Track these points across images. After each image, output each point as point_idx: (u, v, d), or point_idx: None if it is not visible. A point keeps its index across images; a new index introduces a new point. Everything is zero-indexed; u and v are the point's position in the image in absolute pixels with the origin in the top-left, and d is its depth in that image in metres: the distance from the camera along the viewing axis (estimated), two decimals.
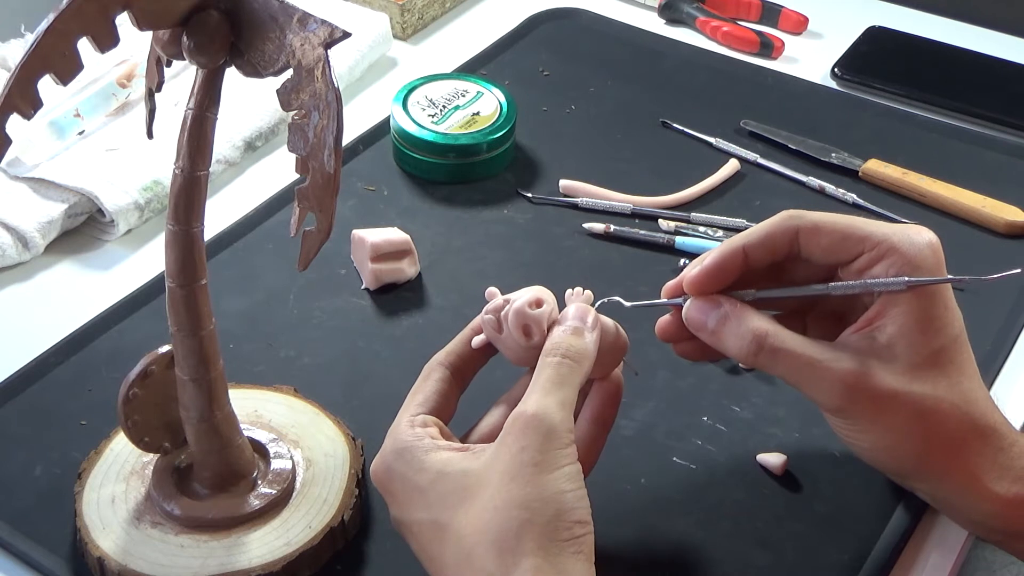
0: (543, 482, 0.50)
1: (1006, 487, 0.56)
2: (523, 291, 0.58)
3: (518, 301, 0.57)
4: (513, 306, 0.57)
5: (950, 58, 1.02)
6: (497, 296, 0.59)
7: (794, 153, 0.89)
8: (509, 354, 0.58)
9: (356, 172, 0.86)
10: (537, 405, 0.52)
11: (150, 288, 0.75)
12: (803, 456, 0.66)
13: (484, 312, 0.58)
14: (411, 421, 0.56)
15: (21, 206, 0.79)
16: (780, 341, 0.56)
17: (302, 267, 0.50)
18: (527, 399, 0.53)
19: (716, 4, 1.07)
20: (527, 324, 0.56)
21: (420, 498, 0.53)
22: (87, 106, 0.86)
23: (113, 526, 0.59)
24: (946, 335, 0.56)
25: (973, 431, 0.56)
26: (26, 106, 0.47)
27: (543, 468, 0.50)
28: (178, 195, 0.53)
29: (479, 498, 0.51)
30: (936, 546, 0.63)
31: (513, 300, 0.57)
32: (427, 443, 0.54)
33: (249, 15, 0.49)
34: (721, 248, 0.58)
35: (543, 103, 0.95)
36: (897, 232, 0.57)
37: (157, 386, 0.59)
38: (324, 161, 0.48)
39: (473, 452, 0.53)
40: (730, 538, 0.62)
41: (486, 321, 0.58)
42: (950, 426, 0.56)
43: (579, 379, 0.54)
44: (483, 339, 0.59)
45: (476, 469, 0.52)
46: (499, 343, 0.58)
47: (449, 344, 0.60)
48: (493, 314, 0.58)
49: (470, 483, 0.52)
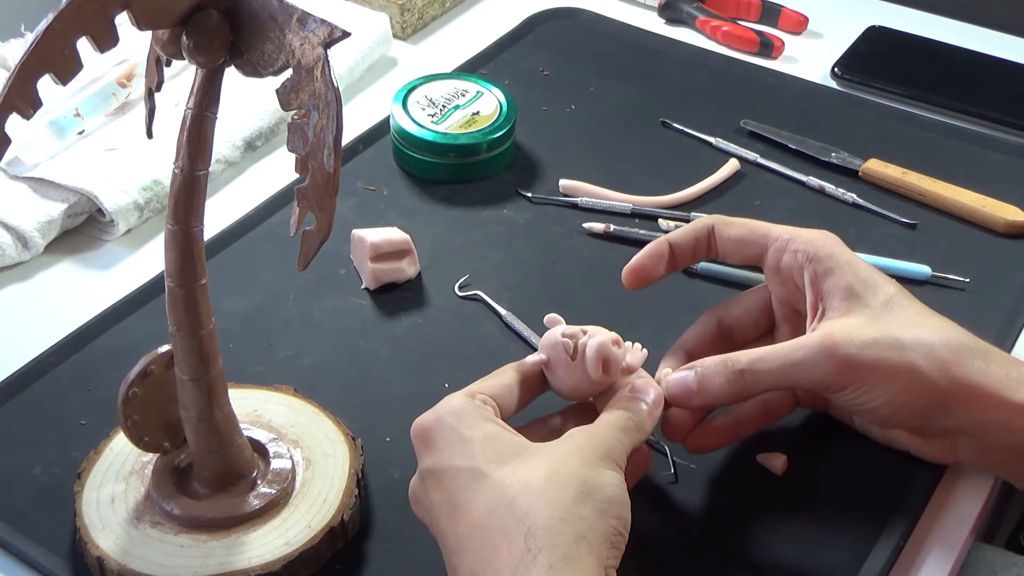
0: (600, 473, 0.52)
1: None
2: (593, 327, 0.59)
3: (601, 335, 0.57)
4: (597, 339, 0.57)
5: (950, 58, 1.02)
6: (561, 322, 0.59)
7: (794, 153, 0.89)
8: (567, 382, 0.58)
9: (356, 172, 0.86)
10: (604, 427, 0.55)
11: (150, 288, 0.75)
12: (803, 456, 0.66)
13: (560, 334, 0.58)
14: (471, 393, 0.56)
15: (21, 206, 0.79)
16: (754, 358, 0.59)
17: (302, 267, 0.50)
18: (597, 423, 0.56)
19: (716, 4, 1.07)
20: (608, 360, 0.57)
21: (464, 447, 0.53)
22: (87, 106, 0.86)
23: (113, 526, 0.59)
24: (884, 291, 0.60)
25: (969, 352, 0.58)
26: (25, 106, 0.47)
27: (602, 464, 0.53)
28: (178, 195, 0.53)
29: (532, 462, 0.52)
30: (936, 546, 0.62)
31: (592, 333, 0.58)
32: (484, 412, 0.55)
33: (249, 15, 0.49)
34: (649, 244, 0.65)
35: (543, 103, 0.95)
36: (796, 229, 0.64)
37: (157, 386, 0.59)
38: (324, 161, 0.48)
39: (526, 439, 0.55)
40: (730, 538, 0.62)
41: (558, 343, 0.58)
42: (946, 353, 0.58)
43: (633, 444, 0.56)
44: (541, 359, 0.59)
45: (532, 445, 0.54)
46: (562, 368, 0.58)
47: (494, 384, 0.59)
48: (571, 339, 0.58)
49: (525, 450, 0.53)
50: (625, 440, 0.55)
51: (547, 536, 0.49)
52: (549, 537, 0.49)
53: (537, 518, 0.50)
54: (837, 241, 0.63)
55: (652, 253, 0.65)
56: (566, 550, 0.49)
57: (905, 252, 0.79)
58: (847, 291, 0.60)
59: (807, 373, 0.58)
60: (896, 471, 0.65)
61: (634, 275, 0.65)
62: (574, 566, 0.48)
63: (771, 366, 0.59)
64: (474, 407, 0.55)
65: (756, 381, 0.59)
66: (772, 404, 0.65)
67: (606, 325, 0.60)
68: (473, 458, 0.53)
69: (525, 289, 0.77)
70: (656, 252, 0.65)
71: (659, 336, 0.66)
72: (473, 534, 0.51)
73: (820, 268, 0.61)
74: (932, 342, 0.58)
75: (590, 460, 0.52)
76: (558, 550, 0.49)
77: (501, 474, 0.52)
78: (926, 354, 0.58)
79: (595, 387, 0.58)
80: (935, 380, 0.58)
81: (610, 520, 0.51)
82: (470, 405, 0.55)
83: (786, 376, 0.59)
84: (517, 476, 0.51)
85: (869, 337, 0.58)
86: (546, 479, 0.51)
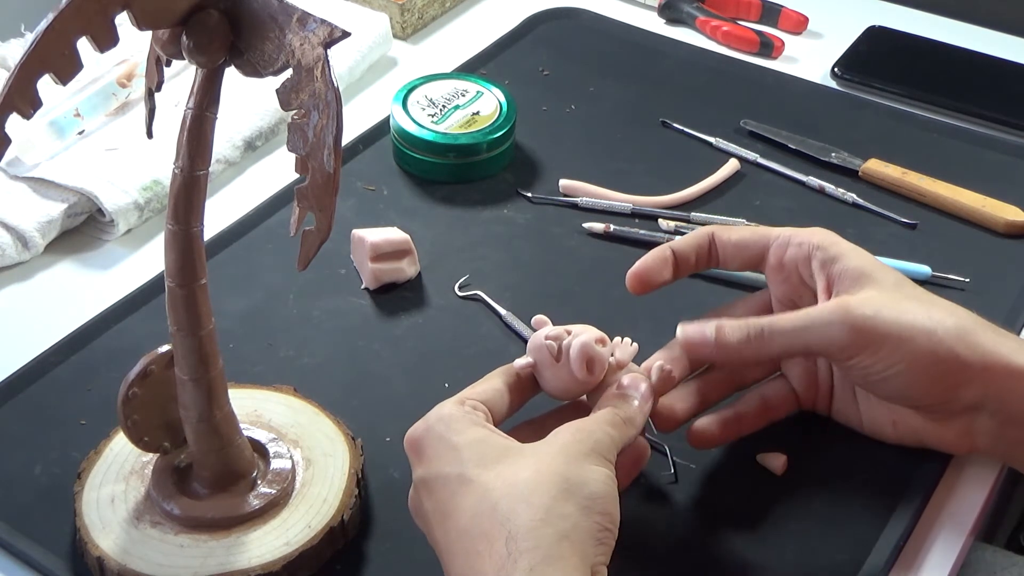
0: (585, 469, 0.52)
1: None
2: (578, 326, 0.58)
3: (584, 335, 0.57)
4: (580, 339, 0.57)
5: (950, 58, 1.02)
6: (547, 324, 0.59)
7: (794, 153, 0.89)
8: (555, 384, 0.58)
9: (356, 172, 0.86)
10: (592, 421, 0.55)
11: (150, 288, 0.75)
12: (803, 456, 0.66)
13: (543, 337, 0.58)
14: (461, 400, 0.56)
15: (21, 206, 0.79)
16: (772, 319, 0.60)
17: (302, 267, 0.50)
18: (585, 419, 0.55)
19: (716, 4, 1.07)
20: (592, 359, 0.57)
21: (452, 455, 0.53)
22: (87, 106, 0.86)
23: (113, 526, 0.59)
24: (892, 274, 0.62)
25: (983, 326, 0.60)
26: (25, 106, 0.47)
27: (588, 460, 0.52)
28: (178, 195, 0.53)
29: (517, 463, 0.52)
30: (936, 546, 0.62)
31: (576, 333, 0.57)
32: (474, 417, 0.55)
33: (249, 15, 0.49)
34: (653, 249, 0.66)
35: (543, 103, 0.95)
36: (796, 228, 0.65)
37: (157, 386, 0.59)
38: (324, 161, 0.48)
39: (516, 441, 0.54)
40: (730, 538, 0.62)
41: (542, 346, 0.58)
42: (962, 322, 0.59)
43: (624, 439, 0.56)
44: (529, 363, 0.58)
45: (518, 446, 0.54)
46: (548, 370, 0.58)
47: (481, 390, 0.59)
48: (555, 341, 0.57)
49: (510, 452, 0.53)
50: (615, 434, 0.55)
51: (528, 538, 0.49)
52: (530, 539, 0.49)
53: (518, 520, 0.50)
54: (837, 236, 0.64)
55: (657, 258, 0.65)
56: (547, 551, 0.49)
57: (905, 252, 0.79)
58: (858, 271, 0.61)
59: (822, 333, 0.59)
60: (896, 471, 0.65)
61: (638, 279, 0.65)
62: (555, 566, 0.48)
63: (787, 326, 0.60)
64: (463, 413, 0.55)
65: (772, 340, 0.60)
66: (773, 402, 0.65)
67: (606, 325, 0.60)
68: (460, 464, 0.53)
69: (525, 289, 0.77)
70: (660, 257, 0.65)
71: (659, 336, 0.66)
72: (460, 540, 0.51)
73: (827, 255, 0.62)
74: (944, 316, 0.59)
75: (575, 457, 0.52)
76: (539, 552, 0.49)
77: (486, 478, 0.52)
78: (941, 322, 0.59)
79: (583, 387, 0.58)
80: (952, 346, 0.58)
81: (595, 517, 0.51)
82: (459, 411, 0.55)
83: (801, 336, 0.60)
84: (502, 478, 0.51)
85: (884, 304, 0.59)
86: (529, 480, 0.51)
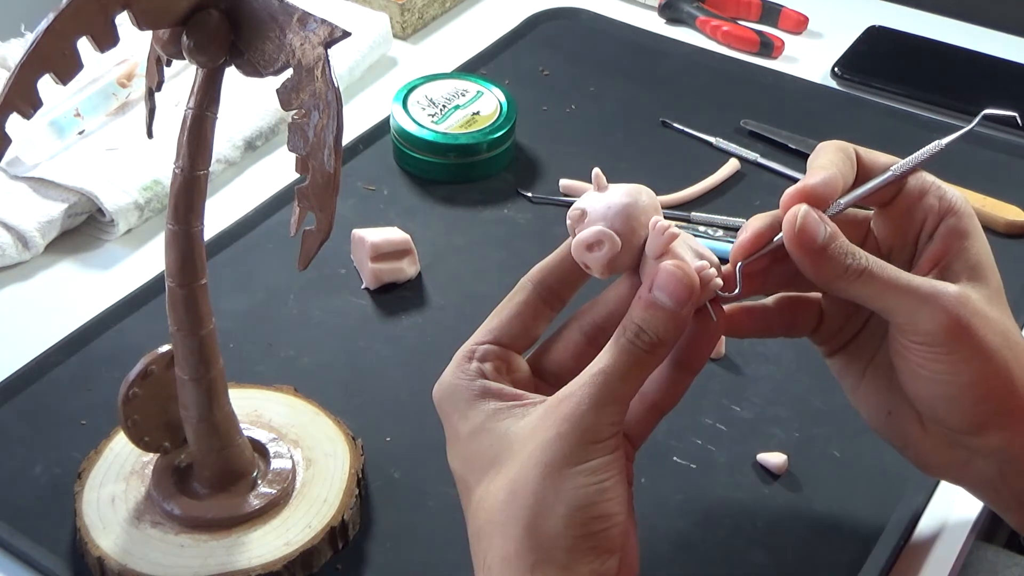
0: (564, 476, 0.48)
1: None
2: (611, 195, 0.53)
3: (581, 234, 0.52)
4: (574, 240, 0.52)
5: (950, 58, 1.02)
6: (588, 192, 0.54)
7: (794, 153, 0.89)
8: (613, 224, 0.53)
9: (356, 172, 0.86)
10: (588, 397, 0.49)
11: (150, 288, 0.75)
12: (803, 456, 0.66)
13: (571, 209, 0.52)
14: (470, 353, 0.53)
15: (21, 206, 0.79)
16: (881, 267, 0.55)
17: (302, 266, 0.50)
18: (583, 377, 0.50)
19: (716, 4, 1.07)
20: (585, 263, 0.53)
21: (457, 446, 0.52)
22: (87, 106, 0.86)
23: (113, 526, 0.59)
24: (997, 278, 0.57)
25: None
26: (26, 106, 0.47)
27: (570, 461, 0.49)
28: (178, 195, 0.53)
29: (500, 475, 0.50)
30: (936, 546, 0.62)
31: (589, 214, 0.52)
32: (477, 386, 0.52)
33: (249, 14, 0.49)
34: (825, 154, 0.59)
35: (543, 103, 0.95)
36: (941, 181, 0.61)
37: (157, 386, 0.59)
38: (324, 160, 0.48)
39: (522, 405, 0.51)
40: (730, 538, 0.62)
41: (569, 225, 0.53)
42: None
43: (648, 369, 0.50)
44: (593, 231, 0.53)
45: (514, 433, 0.50)
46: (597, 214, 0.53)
47: (545, 259, 0.55)
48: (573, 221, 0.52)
49: (503, 451, 0.50)
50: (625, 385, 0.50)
51: (500, 573, 0.49)
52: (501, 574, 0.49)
53: (492, 553, 0.49)
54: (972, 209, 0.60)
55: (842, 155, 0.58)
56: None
57: None
58: (978, 260, 0.57)
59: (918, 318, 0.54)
60: (896, 471, 0.65)
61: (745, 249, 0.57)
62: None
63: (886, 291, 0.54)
64: (468, 380, 0.52)
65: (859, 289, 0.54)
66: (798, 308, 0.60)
67: None
68: (464, 463, 0.52)
69: None
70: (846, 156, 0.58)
71: None
72: (470, 540, 0.52)
73: (960, 226, 0.58)
74: None
75: (557, 465, 0.49)
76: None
77: (478, 494, 0.51)
78: (1016, 357, 0.55)
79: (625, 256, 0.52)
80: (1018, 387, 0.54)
81: (576, 530, 0.48)
82: (463, 378, 0.52)
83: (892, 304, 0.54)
84: (489, 497, 0.50)
85: (994, 317, 0.55)
86: (504, 504, 0.49)
